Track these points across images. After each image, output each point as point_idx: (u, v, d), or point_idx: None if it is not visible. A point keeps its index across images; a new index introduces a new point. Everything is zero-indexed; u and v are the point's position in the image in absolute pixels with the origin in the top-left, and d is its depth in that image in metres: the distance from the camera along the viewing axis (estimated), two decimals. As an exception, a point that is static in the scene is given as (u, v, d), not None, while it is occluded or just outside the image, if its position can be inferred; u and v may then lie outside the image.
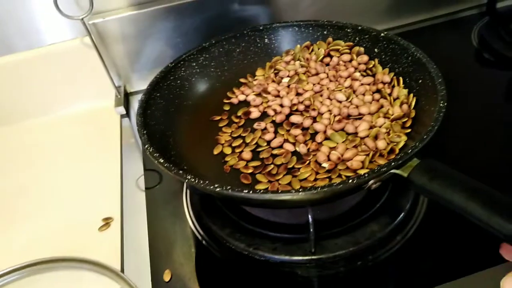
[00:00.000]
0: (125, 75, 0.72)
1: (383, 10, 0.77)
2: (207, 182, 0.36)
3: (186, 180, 0.37)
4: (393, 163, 0.35)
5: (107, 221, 0.51)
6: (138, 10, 0.66)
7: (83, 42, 0.66)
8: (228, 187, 0.35)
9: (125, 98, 0.71)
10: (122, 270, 0.46)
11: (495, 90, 0.63)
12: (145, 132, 0.44)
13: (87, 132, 0.66)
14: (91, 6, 0.60)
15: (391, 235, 0.45)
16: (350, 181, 0.34)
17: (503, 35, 0.71)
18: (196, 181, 0.36)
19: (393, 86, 0.52)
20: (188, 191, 0.53)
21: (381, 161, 0.43)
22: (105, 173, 0.58)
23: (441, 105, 0.41)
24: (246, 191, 0.34)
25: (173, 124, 0.52)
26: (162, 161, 0.40)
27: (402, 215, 0.46)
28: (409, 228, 0.45)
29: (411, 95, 0.49)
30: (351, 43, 0.58)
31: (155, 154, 0.41)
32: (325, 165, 0.45)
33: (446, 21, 0.80)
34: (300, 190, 0.34)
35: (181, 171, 0.38)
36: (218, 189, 0.35)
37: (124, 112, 0.69)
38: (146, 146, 0.42)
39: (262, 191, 0.35)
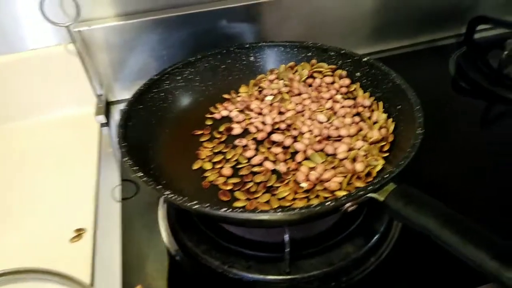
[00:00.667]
0: (108, 84, 0.71)
1: (366, 35, 0.79)
2: (185, 198, 0.36)
3: (164, 196, 0.37)
4: (370, 187, 0.36)
5: (79, 232, 0.50)
6: (125, 20, 0.66)
7: (66, 48, 0.65)
8: (206, 205, 0.35)
9: (106, 107, 0.70)
10: (92, 284, 0.45)
11: (470, 118, 0.65)
12: (125, 144, 0.44)
13: (65, 140, 0.65)
14: (78, 14, 0.60)
15: (365, 256, 0.45)
16: (328, 203, 0.35)
17: (479, 65, 0.74)
18: (174, 197, 0.36)
19: (373, 110, 0.53)
20: (165, 204, 0.52)
21: (359, 184, 0.44)
22: (81, 182, 0.57)
23: (418, 132, 0.42)
24: (224, 209, 0.34)
25: (154, 136, 0.52)
26: (141, 174, 0.39)
27: (376, 237, 0.46)
28: (383, 250, 0.46)
29: (390, 119, 0.50)
30: (334, 66, 0.59)
31: (134, 168, 0.40)
32: (304, 185, 0.45)
33: (426, 48, 0.83)
34: (278, 210, 0.34)
35: (159, 186, 0.38)
36: (195, 207, 0.35)
37: (105, 121, 0.68)
38: (125, 159, 0.42)
39: (240, 210, 0.35)
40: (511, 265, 0.27)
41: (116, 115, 0.71)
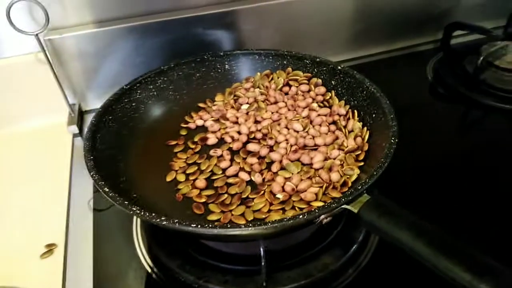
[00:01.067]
0: (81, 93, 0.69)
1: (343, 42, 0.79)
2: (153, 214, 0.34)
3: (131, 212, 0.35)
4: (343, 199, 0.35)
5: (50, 248, 0.48)
6: (98, 28, 0.64)
7: (37, 57, 0.64)
8: (175, 221, 0.34)
9: (79, 117, 0.69)
10: (63, 302, 0.43)
11: (447, 123, 0.66)
12: (91, 157, 0.42)
13: (36, 151, 0.63)
14: (47, 22, 0.58)
15: (343, 267, 0.44)
16: (301, 216, 0.34)
17: (456, 71, 0.75)
18: (142, 213, 0.35)
19: (348, 119, 0.52)
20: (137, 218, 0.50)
21: (334, 194, 0.43)
22: (53, 195, 0.55)
23: (391, 141, 0.41)
24: (194, 225, 0.33)
25: (125, 148, 0.50)
26: (107, 190, 0.38)
27: (355, 246, 0.46)
28: (362, 260, 0.45)
29: (365, 128, 0.49)
30: (309, 74, 0.58)
31: (100, 182, 0.39)
32: (280, 196, 0.44)
33: (403, 54, 0.83)
34: (250, 225, 0.33)
35: (126, 202, 0.36)
36: (164, 222, 0.34)
37: (77, 131, 0.66)
38: (91, 173, 0.40)
39: (210, 225, 0.33)
40: (484, 278, 0.27)
41: (90, 125, 0.69)
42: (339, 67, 0.55)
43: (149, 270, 0.45)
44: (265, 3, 0.69)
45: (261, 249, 0.40)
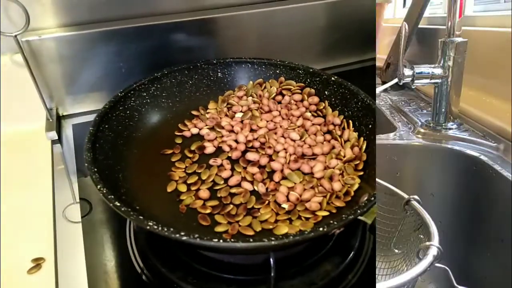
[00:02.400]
0: (59, 97, 0.66)
1: (319, 52, 0.82)
2: (171, 229, 0.34)
3: (148, 227, 0.34)
4: (359, 211, 0.36)
5: (37, 262, 0.45)
6: (78, 31, 0.62)
7: (12, 59, 0.60)
8: (196, 236, 0.33)
9: (57, 122, 0.65)
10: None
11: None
12: (95, 169, 0.41)
13: (13, 159, 0.59)
14: (27, 23, 0.55)
15: (343, 274, 0.45)
16: (321, 229, 0.35)
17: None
18: (160, 228, 0.34)
19: (343, 129, 0.54)
20: (131, 227, 0.49)
21: (338, 203, 0.44)
22: (34, 206, 0.52)
23: (394, 152, 0.43)
24: (216, 240, 0.33)
25: (122, 158, 0.48)
26: (118, 204, 0.36)
27: (352, 253, 0.47)
28: (360, 266, 0.46)
29: (362, 138, 0.51)
30: (302, 84, 0.60)
31: (109, 196, 0.37)
32: (285, 206, 0.45)
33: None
34: (273, 239, 0.33)
35: (141, 217, 0.35)
36: (184, 238, 0.33)
37: (56, 138, 0.63)
38: (98, 186, 0.38)
39: (233, 240, 0.33)
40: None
41: (68, 131, 0.66)
42: (332, 78, 0.57)
43: (147, 281, 0.44)
44: (245, 12, 0.71)
45: (271, 260, 0.40)
